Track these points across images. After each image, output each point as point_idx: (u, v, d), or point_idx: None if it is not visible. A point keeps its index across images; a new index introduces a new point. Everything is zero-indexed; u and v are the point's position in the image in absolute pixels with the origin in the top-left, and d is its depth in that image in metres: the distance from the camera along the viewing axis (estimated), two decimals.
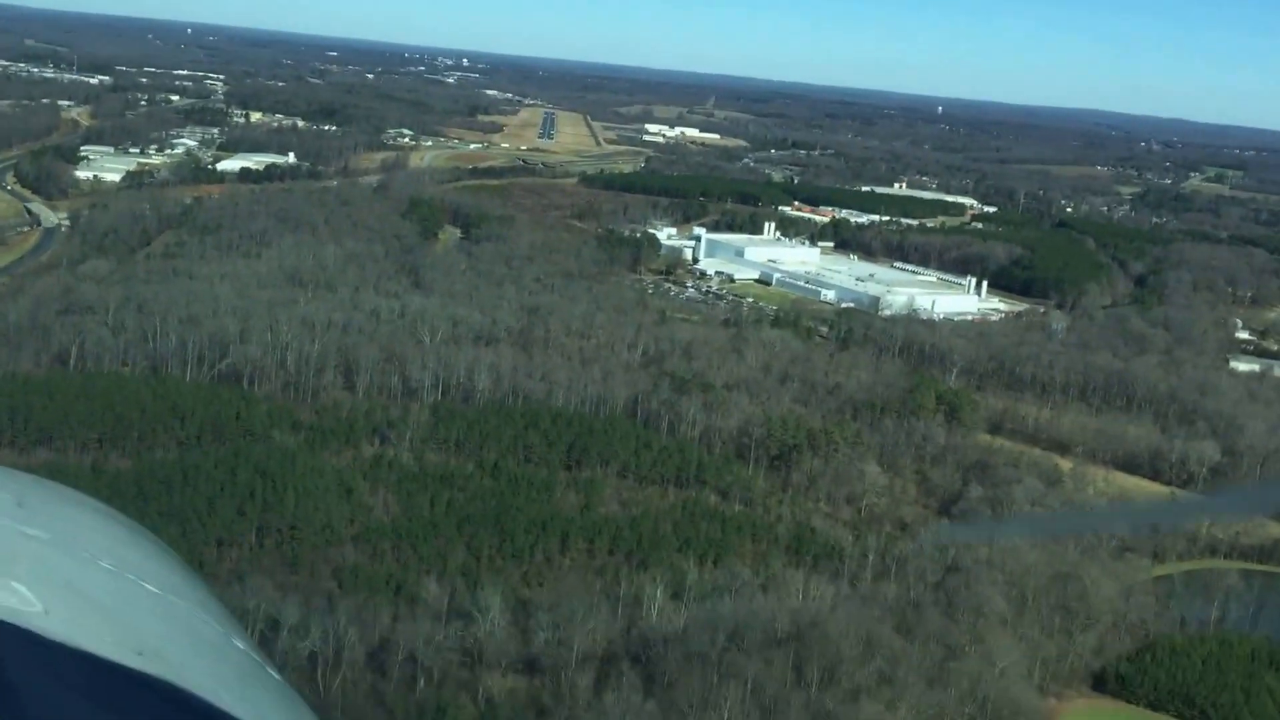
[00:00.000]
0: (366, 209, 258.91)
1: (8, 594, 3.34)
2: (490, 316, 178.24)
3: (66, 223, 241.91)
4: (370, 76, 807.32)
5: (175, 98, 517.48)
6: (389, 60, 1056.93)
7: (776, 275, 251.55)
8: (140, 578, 3.61)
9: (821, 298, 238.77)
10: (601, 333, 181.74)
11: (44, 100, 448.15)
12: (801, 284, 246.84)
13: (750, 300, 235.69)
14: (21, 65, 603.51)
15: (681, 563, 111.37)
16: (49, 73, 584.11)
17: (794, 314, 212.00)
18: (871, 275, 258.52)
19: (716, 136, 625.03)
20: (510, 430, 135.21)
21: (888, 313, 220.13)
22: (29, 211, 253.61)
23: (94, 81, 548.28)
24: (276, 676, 3.16)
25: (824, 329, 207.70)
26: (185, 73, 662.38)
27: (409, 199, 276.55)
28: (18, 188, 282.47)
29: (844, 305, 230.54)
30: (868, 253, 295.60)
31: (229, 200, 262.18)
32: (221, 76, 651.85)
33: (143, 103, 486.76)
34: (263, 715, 2.76)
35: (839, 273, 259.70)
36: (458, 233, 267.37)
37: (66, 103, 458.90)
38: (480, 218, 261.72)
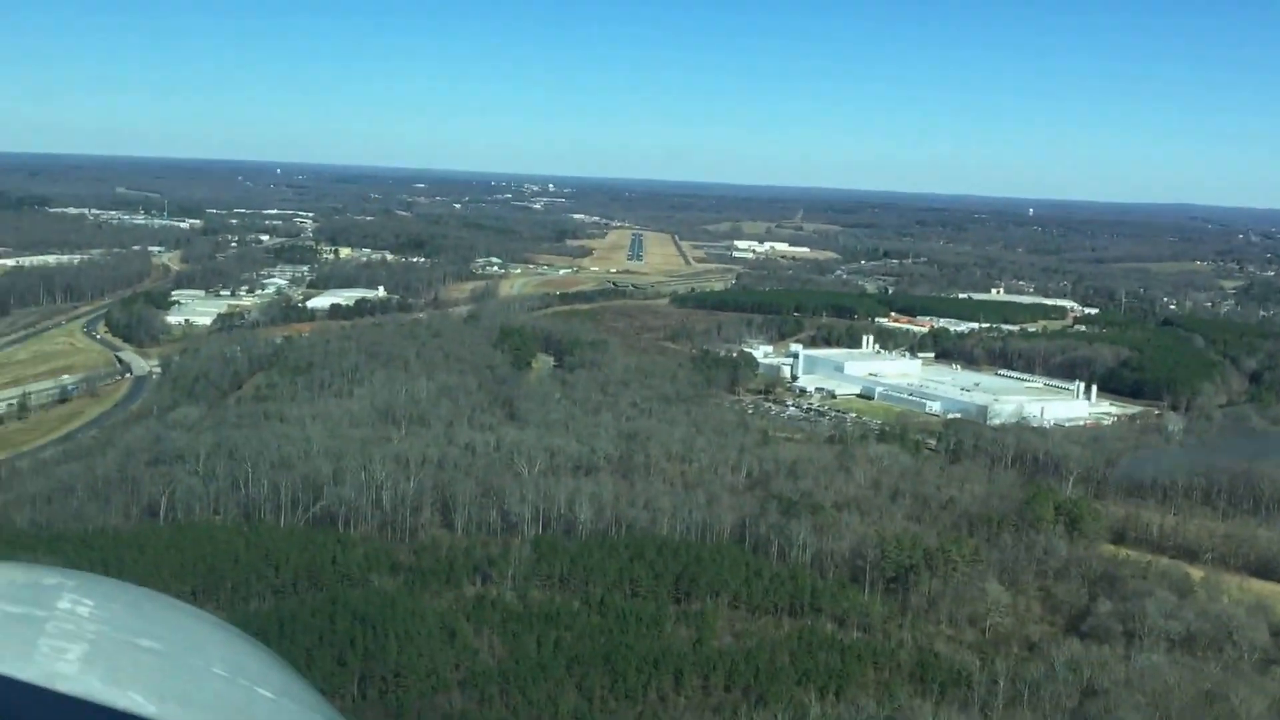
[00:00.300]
0: (458, 340, 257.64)
1: (126, 703, 3.42)
2: (588, 445, 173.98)
3: (157, 369, 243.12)
4: (458, 206, 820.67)
5: (265, 238, 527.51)
6: (476, 189, 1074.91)
7: (879, 389, 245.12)
8: (254, 684, 3.64)
9: (927, 410, 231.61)
10: (703, 456, 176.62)
11: (135, 247, 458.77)
12: (905, 396, 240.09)
13: (853, 416, 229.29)
14: (114, 213, 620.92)
15: (802, 696, 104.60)
16: (140, 219, 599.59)
17: (900, 427, 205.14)
18: (977, 384, 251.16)
19: (807, 250, 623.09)
20: (615, 563, 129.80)
21: (996, 422, 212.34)
22: (119, 360, 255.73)
23: (185, 225, 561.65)
24: None
25: (932, 441, 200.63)
26: (275, 212, 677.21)
27: (500, 328, 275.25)
28: (109, 336, 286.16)
29: (951, 416, 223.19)
30: (970, 361, 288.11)
31: (319, 338, 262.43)
32: (310, 214, 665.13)
33: (233, 244, 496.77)
34: None
35: (943, 383, 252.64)
36: (550, 360, 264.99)
37: (157, 248, 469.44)
38: (573, 344, 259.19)
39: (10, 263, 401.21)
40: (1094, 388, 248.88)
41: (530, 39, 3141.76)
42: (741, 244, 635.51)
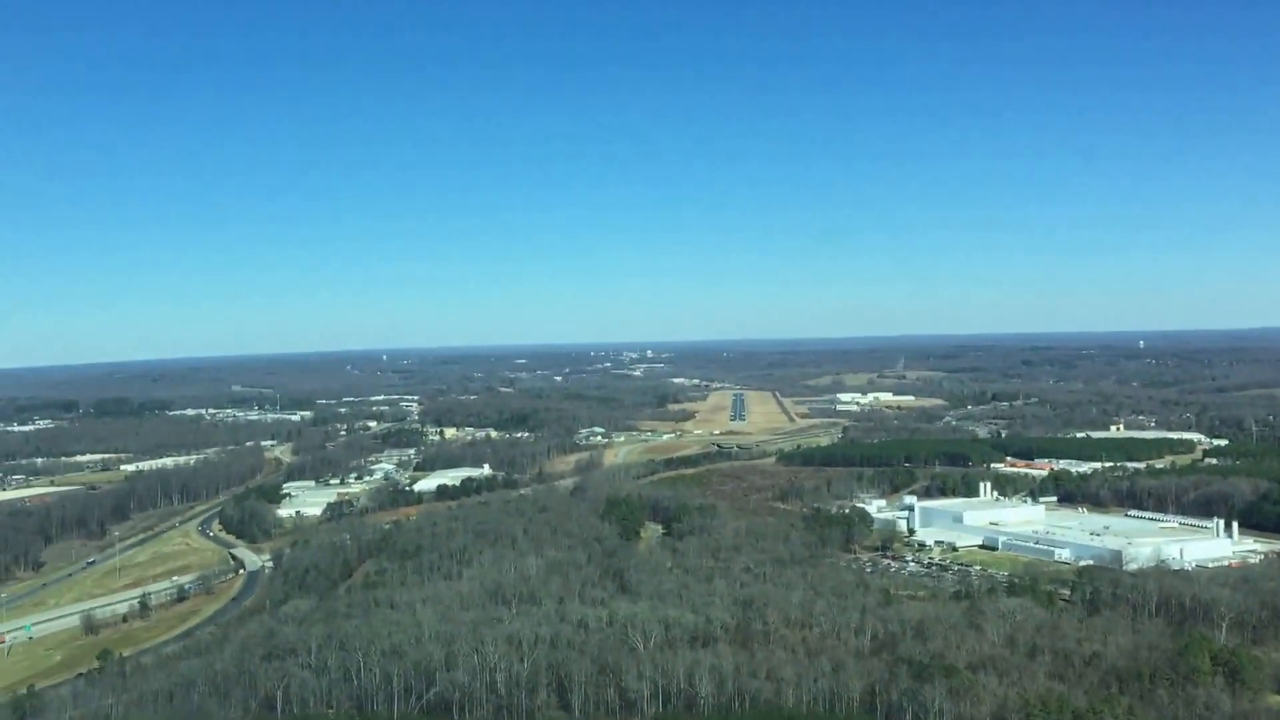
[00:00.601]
0: (564, 513, 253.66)
1: None
2: (703, 615, 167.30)
3: (269, 564, 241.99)
4: (558, 379, 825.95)
5: (372, 424, 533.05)
6: (576, 360, 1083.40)
7: (1002, 538, 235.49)
8: None
9: (1056, 557, 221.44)
10: (824, 620, 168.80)
11: (248, 443, 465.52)
12: (1031, 545, 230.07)
13: (978, 568, 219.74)
14: (229, 411, 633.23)
15: None
16: (254, 414, 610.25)
17: (1030, 578, 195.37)
18: (1106, 528, 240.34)
19: (911, 398, 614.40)
20: None
21: (1133, 567, 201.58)
22: (233, 557, 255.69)
23: (295, 418, 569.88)
24: None
25: (1065, 592, 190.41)
26: (381, 398, 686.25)
27: (606, 499, 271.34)
28: (222, 534, 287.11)
29: (1083, 563, 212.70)
30: (1096, 503, 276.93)
31: (426, 521, 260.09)
32: (416, 397, 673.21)
33: (341, 433, 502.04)
34: None
35: (1070, 528, 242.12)
36: (659, 528, 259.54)
37: (270, 442, 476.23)
38: (681, 510, 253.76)
39: (131, 468, 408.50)
40: (1234, 524, 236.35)
41: (617, 209, 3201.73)
42: (844, 396, 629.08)
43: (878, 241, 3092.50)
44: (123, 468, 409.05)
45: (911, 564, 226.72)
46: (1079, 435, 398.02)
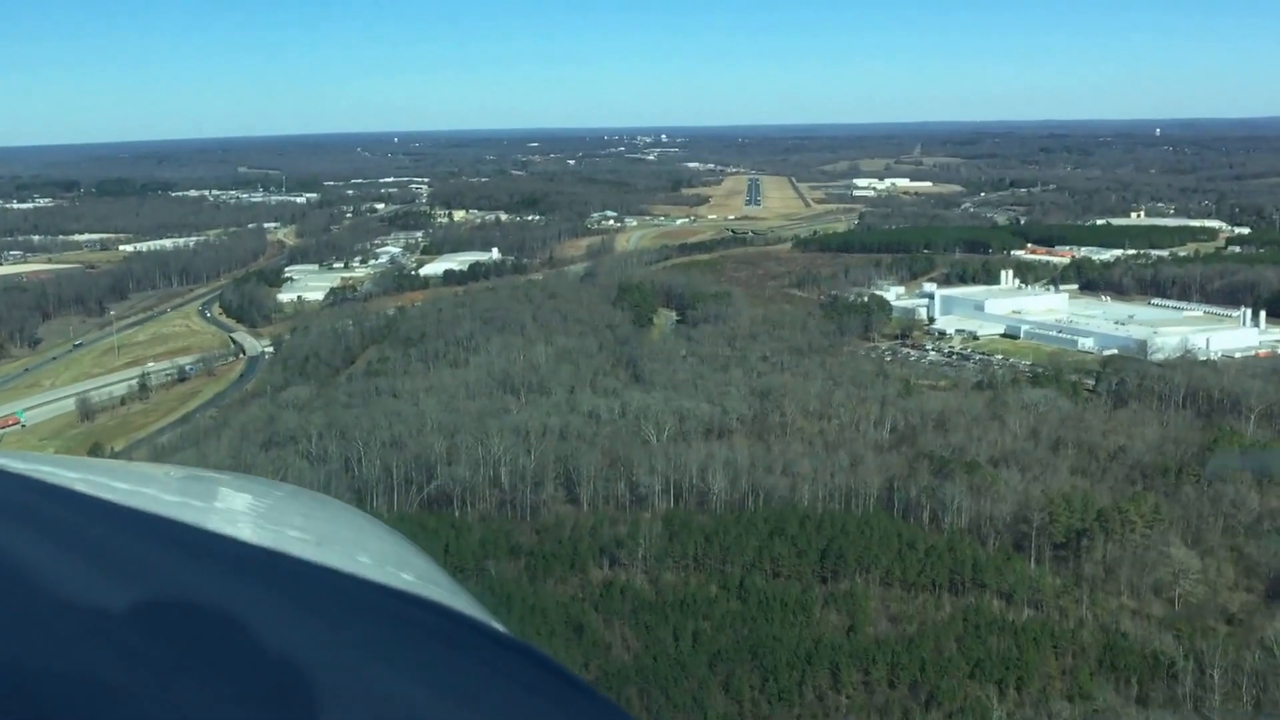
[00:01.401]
0: (575, 300, 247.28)
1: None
2: (719, 405, 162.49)
3: (270, 349, 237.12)
4: (571, 163, 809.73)
5: (380, 206, 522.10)
6: (589, 144, 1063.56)
7: (1024, 327, 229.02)
8: (399, 570, 3.89)
9: (1079, 347, 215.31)
10: (843, 411, 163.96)
11: (251, 225, 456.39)
12: (1054, 334, 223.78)
13: (999, 358, 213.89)
14: (232, 192, 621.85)
15: (977, 692, 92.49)
16: (258, 196, 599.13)
17: (1053, 368, 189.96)
18: (1131, 317, 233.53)
19: (929, 184, 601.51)
20: (754, 540, 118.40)
21: (1159, 357, 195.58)
22: (234, 341, 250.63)
23: (301, 200, 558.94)
24: (541, 651, 3.00)
25: (1090, 382, 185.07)
26: (391, 180, 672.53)
27: (618, 285, 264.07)
28: (222, 317, 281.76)
29: (1107, 353, 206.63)
30: (1118, 292, 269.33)
31: (431, 307, 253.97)
32: (426, 179, 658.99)
33: (348, 215, 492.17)
34: (537, 679, 2.97)
35: (1094, 317, 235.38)
36: (673, 315, 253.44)
37: (273, 224, 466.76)
38: (695, 297, 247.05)
39: (129, 248, 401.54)
40: (1262, 313, 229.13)
41: None
42: (861, 182, 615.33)
43: (893, 25, 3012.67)
44: (121, 248, 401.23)
45: (932, 353, 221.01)
46: (1099, 222, 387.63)
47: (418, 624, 3.20)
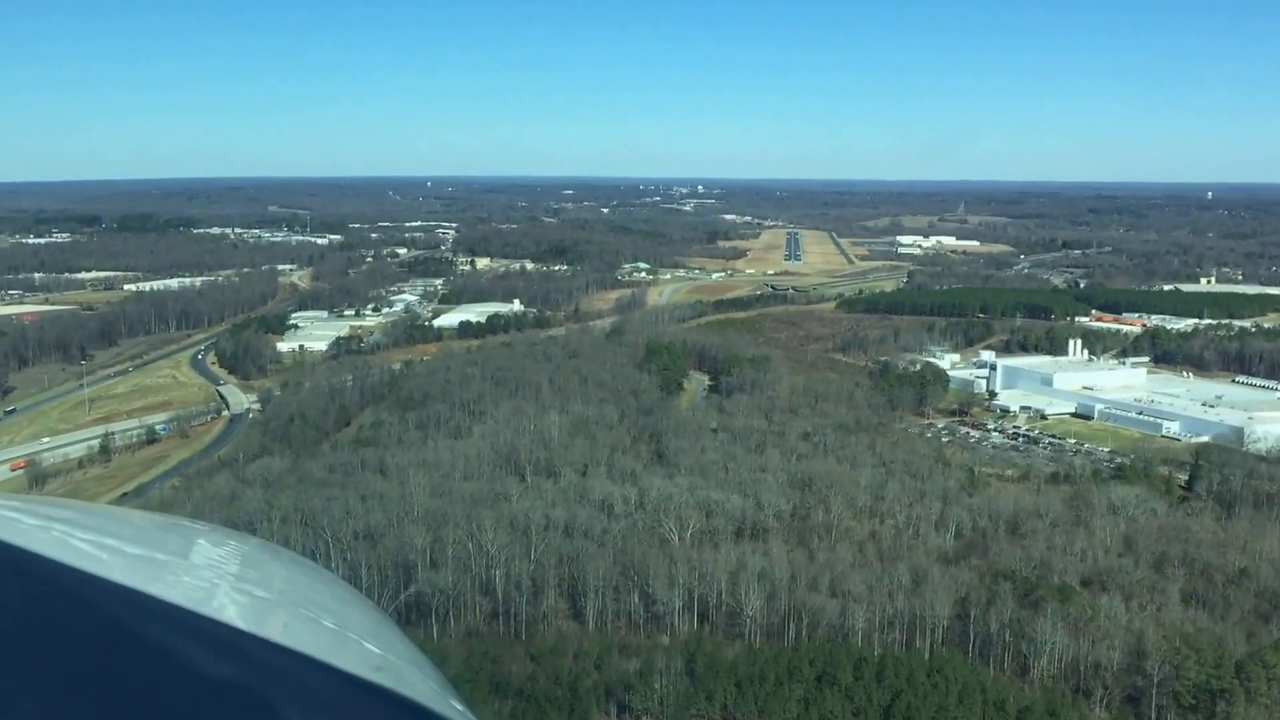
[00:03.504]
0: (598, 360, 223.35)
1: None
2: (753, 497, 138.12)
3: (256, 406, 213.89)
4: (605, 211, 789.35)
5: (402, 251, 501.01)
6: (624, 194, 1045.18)
7: (1098, 406, 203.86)
8: (362, 639, 3.80)
9: (1164, 432, 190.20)
10: (898, 509, 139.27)
11: (265, 267, 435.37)
12: (1134, 415, 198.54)
13: (1073, 442, 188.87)
14: (255, 231, 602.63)
15: None
16: (279, 236, 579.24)
17: (1142, 461, 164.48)
18: (1219, 397, 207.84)
19: (976, 243, 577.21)
20: (798, 688, 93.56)
21: (1259, 448, 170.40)
22: (220, 395, 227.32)
23: (323, 241, 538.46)
24: None
25: (1183, 478, 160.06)
26: (418, 224, 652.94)
27: (646, 345, 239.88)
28: (215, 367, 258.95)
29: (1195, 440, 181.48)
30: (1198, 366, 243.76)
31: (441, 364, 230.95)
32: (454, 225, 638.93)
33: (367, 259, 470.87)
34: None
35: (1176, 397, 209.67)
36: (705, 380, 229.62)
37: (289, 266, 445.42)
38: (730, 361, 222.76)
39: (133, 288, 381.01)
40: None
41: (677, 43, 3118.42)
42: (905, 239, 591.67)
43: (936, 82, 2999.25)
44: (125, 288, 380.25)
45: (995, 434, 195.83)
46: (1167, 288, 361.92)
47: (377, 712, 3.12)
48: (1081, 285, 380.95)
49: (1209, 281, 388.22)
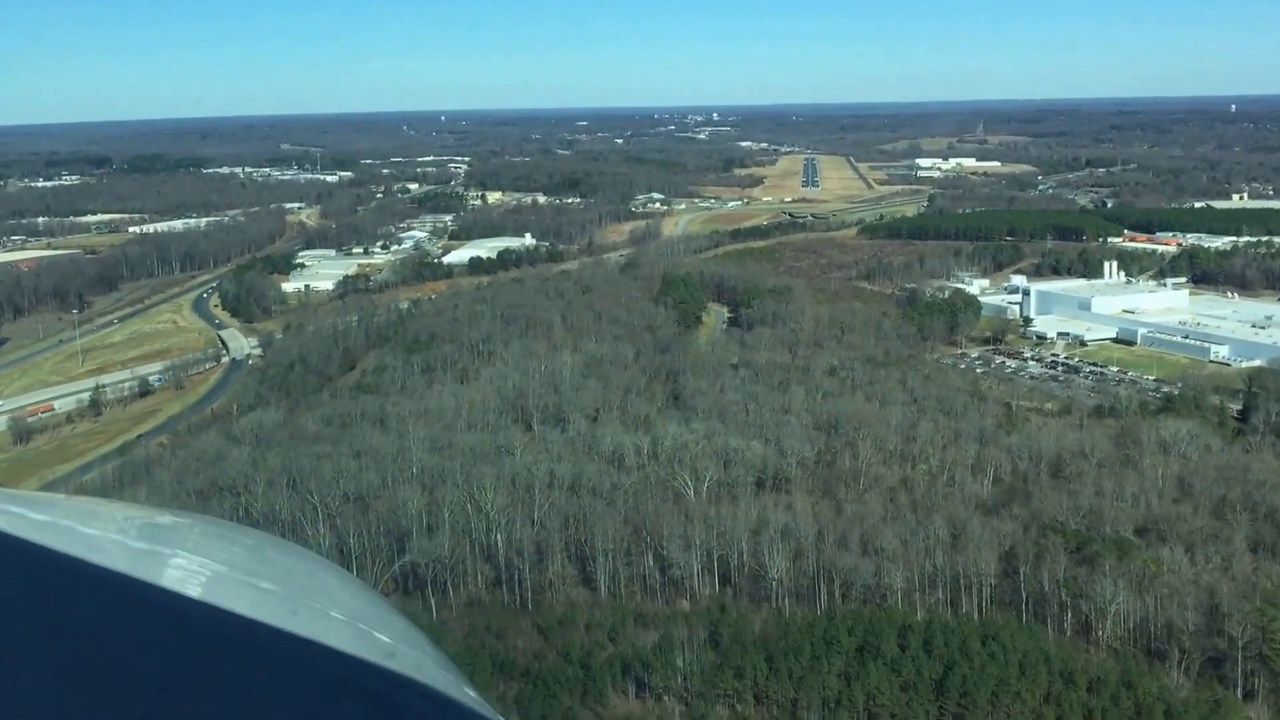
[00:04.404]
0: (612, 295, 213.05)
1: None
2: (774, 443, 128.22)
3: (258, 351, 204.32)
4: (619, 142, 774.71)
5: (413, 186, 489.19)
6: (639, 123, 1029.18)
7: (1141, 331, 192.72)
8: (372, 629, 3.84)
9: (1212, 356, 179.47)
10: (930, 451, 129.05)
11: (273, 205, 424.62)
12: (1179, 340, 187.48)
13: (1115, 370, 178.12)
14: (265, 170, 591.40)
15: None
16: (289, 174, 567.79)
17: (1192, 390, 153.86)
18: (1269, 318, 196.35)
19: (997, 164, 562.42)
20: (837, 661, 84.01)
21: None
22: (221, 340, 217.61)
23: (333, 178, 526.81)
24: None
25: (1236, 407, 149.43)
26: (430, 158, 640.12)
27: (662, 277, 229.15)
28: (218, 310, 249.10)
29: (1247, 365, 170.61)
30: (1241, 286, 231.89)
31: (449, 302, 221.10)
32: (466, 158, 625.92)
33: (378, 196, 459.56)
34: None
35: (1223, 319, 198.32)
36: (724, 312, 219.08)
37: (297, 205, 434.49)
38: (750, 293, 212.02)
39: (138, 230, 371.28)
40: None
41: None
42: (925, 162, 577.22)
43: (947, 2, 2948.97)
44: (130, 230, 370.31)
45: (1032, 363, 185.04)
46: (1198, 205, 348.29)
47: (389, 700, 3.17)
48: (1109, 205, 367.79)
49: (1241, 198, 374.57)
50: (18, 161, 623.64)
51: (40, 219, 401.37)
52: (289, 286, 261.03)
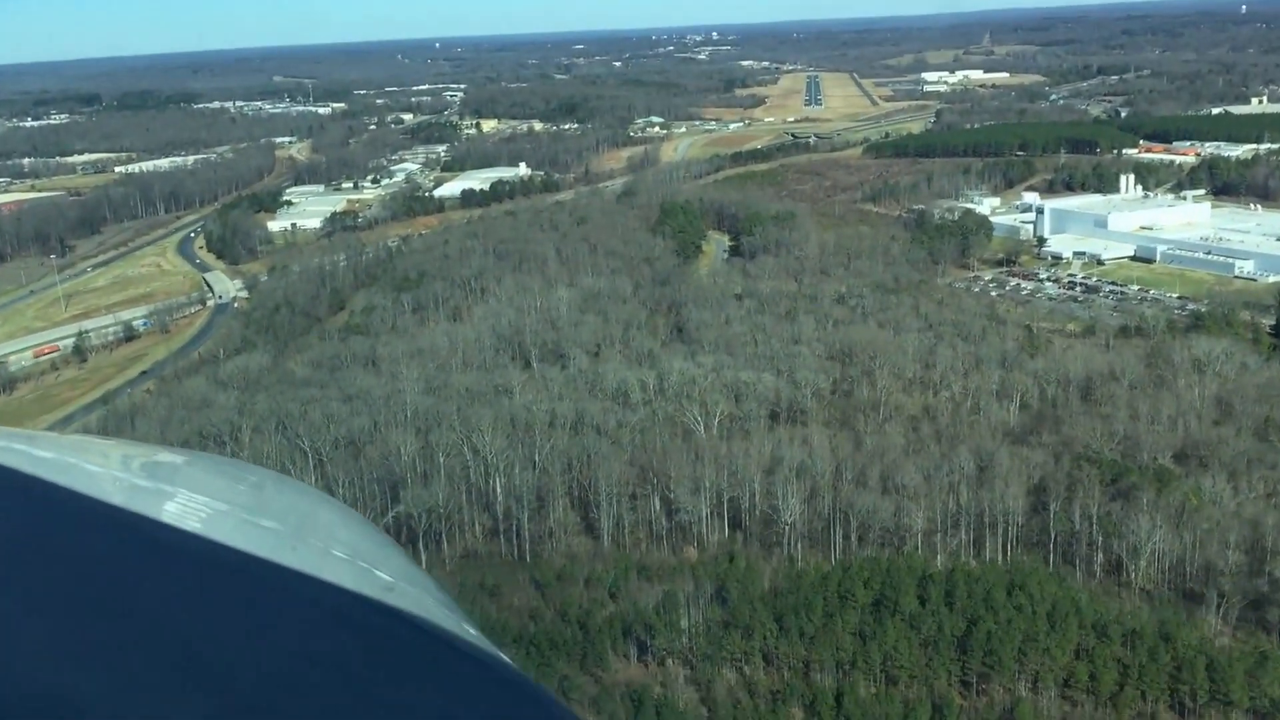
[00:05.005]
0: (608, 226, 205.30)
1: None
2: (786, 374, 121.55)
3: (244, 293, 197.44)
4: (617, 65, 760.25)
5: (407, 117, 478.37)
6: (637, 45, 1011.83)
7: (1161, 248, 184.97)
8: (373, 567, 3.86)
9: (1236, 272, 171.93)
10: (951, 378, 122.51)
11: (263, 140, 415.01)
12: (1201, 256, 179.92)
13: (1136, 288, 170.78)
14: (257, 103, 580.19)
15: None
16: (280, 108, 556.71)
17: (1222, 307, 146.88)
18: None
19: (1005, 75, 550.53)
20: (851, 616, 77.94)
21: None
22: (206, 283, 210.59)
23: (325, 111, 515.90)
24: (509, 661, 3.38)
25: (1269, 323, 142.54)
26: (425, 87, 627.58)
27: (660, 206, 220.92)
28: (203, 252, 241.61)
29: (1273, 280, 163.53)
30: (1263, 197, 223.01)
31: (439, 238, 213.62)
32: (462, 86, 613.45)
33: (370, 127, 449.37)
34: (497, 694, 2.98)
35: (1247, 233, 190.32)
36: (725, 240, 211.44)
37: (287, 139, 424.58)
38: (752, 219, 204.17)
39: (124, 170, 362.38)
40: None
41: None
42: (930, 76, 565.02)
43: None
44: (116, 170, 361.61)
45: (1049, 284, 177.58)
46: (1215, 112, 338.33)
47: (388, 635, 3.23)
48: (1123, 114, 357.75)
49: (1260, 102, 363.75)
50: (6, 101, 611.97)
51: (26, 160, 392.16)
52: (275, 226, 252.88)
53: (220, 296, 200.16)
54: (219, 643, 2.73)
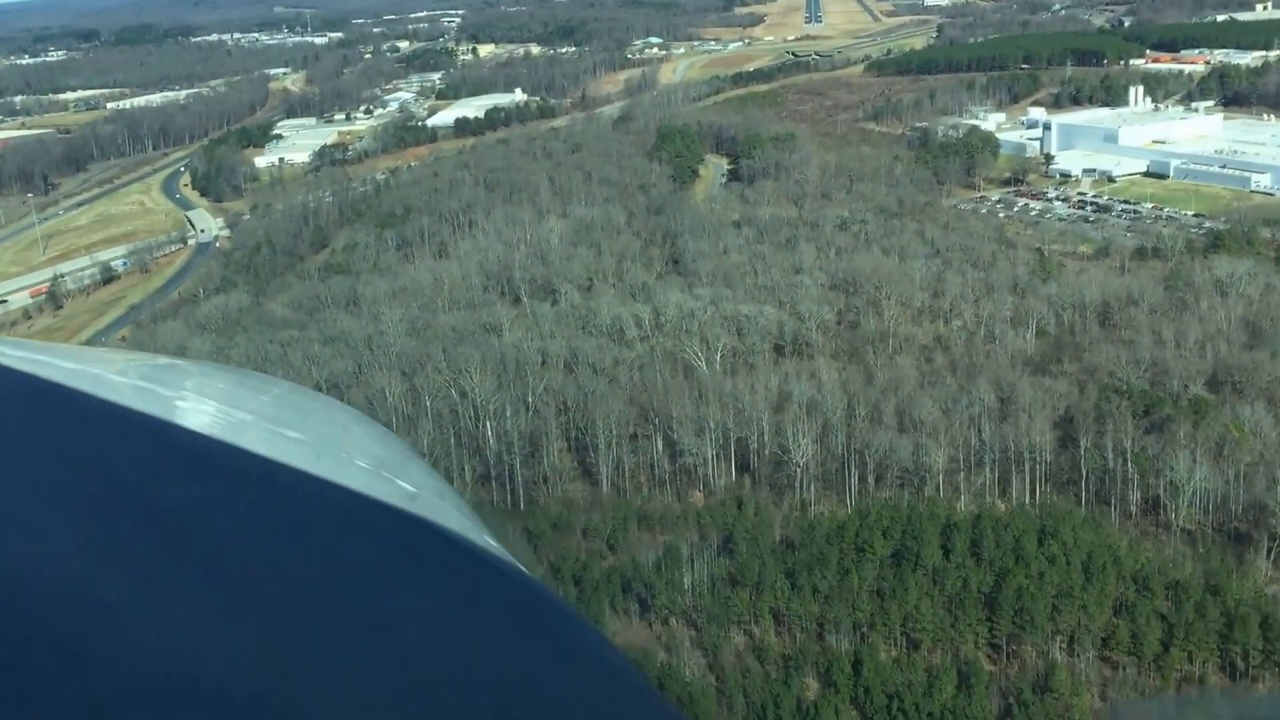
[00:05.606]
0: (603, 153, 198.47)
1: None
2: (789, 306, 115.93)
3: (226, 232, 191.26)
4: None
5: (404, 44, 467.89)
6: None
7: (1174, 162, 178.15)
8: (396, 477, 3.82)
9: (1253, 187, 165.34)
10: (963, 306, 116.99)
11: (257, 73, 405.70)
12: (1217, 170, 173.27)
13: (1150, 207, 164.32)
14: (255, 35, 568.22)
15: None
16: (275, 39, 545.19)
17: (1240, 224, 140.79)
18: None
19: None
20: (869, 570, 72.82)
21: None
22: (189, 221, 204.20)
23: (321, 41, 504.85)
24: (529, 573, 3.38)
25: None
26: (423, 14, 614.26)
27: (657, 130, 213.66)
28: (187, 189, 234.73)
29: None
30: (1276, 107, 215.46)
31: (428, 169, 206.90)
32: (461, 11, 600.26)
33: (366, 56, 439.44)
34: (517, 602, 3.07)
35: (1263, 144, 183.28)
36: (724, 164, 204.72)
37: (281, 70, 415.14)
38: (751, 141, 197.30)
39: (116, 106, 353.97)
40: None
41: None
42: None
43: None
44: (108, 106, 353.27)
45: (1058, 203, 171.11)
46: (1221, 19, 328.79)
47: (410, 543, 3.29)
48: (1127, 24, 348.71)
49: (1265, 7, 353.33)
50: (6, 39, 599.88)
51: (18, 98, 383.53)
52: (262, 161, 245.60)
53: (202, 233, 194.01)
54: (242, 545, 2.81)
